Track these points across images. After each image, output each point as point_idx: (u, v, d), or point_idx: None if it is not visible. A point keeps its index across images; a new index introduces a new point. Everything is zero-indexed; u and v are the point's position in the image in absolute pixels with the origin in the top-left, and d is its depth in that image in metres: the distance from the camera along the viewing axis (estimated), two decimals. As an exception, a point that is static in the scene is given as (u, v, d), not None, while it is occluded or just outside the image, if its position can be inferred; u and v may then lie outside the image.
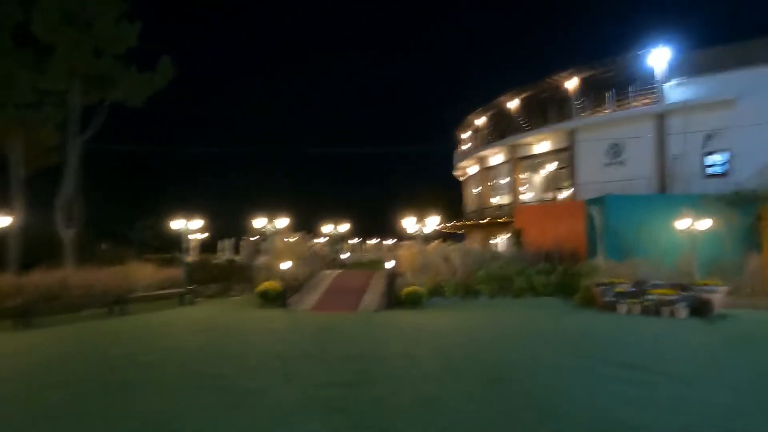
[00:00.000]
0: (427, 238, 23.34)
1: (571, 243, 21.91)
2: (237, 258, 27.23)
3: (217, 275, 23.33)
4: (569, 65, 28.24)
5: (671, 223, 19.19)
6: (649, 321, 12.39)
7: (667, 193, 23.38)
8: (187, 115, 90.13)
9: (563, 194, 29.92)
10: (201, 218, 18.86)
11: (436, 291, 16.57)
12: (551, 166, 30.94)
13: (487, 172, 36.77)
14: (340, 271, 19.87)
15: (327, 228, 24.03)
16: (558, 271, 19.50)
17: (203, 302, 16.88)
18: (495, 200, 36.31)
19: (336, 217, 25.60)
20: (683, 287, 14.31)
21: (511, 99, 32.33)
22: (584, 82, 28.11)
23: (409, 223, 16.75)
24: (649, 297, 13.54)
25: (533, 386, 6.51)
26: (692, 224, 17.29)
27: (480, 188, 37.31)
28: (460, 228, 41.26)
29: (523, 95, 31.67)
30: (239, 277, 22.80)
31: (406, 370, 7.44)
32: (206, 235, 21.84)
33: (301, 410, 5.57)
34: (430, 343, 9.48)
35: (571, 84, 28.39)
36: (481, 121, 36.93)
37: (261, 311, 14.48)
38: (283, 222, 17.08)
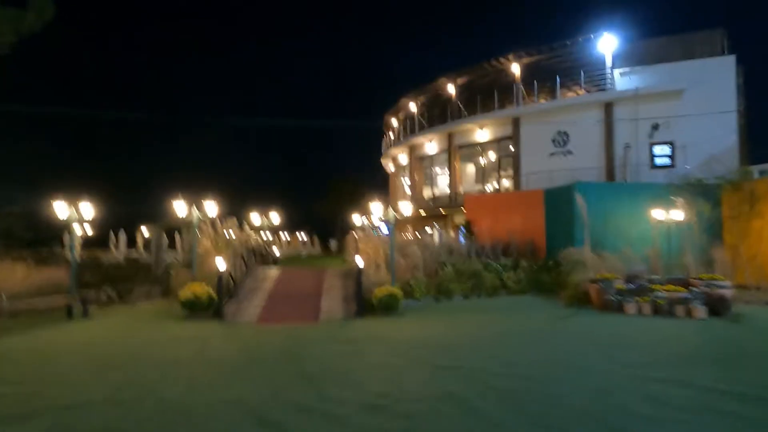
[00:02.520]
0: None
1: (528, 235, 20.32)
2: (139, 254, 22.39)
3: (114, 276, 18.69)
4: (513, 49, 26.85)
5: (639, 213, 18.24)
6: (672, 323, 10.63)
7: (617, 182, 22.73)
8: (82, 71, 77.96)
9: (504, 184, 28.63)
10: (90, 202, 14.24)
11: (405, 292, 13.79)
12: (492, 155, 29.54)
13: (420, 161, 34.71)
14: (281, 269, 16.36)
15: (255, 218, 20.23)
16: (522, 265, 17.68)
17: (100, 314, 12.62)
18: (429, 191, 34.40)
19: (262, 205, 21.82)
20: (686, 282, 12.90)
21: (450, 82, 30.41)
22: (529, 67, 26.88)
23: (356, 217, 13.97)
24: (659, 294, 11.86)
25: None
26: (667, 214, 16.23)
27: (413, 178, 35.14)
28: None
29: (464, 79, 29.88)
30: (144, 279, 18.38)
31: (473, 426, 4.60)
32: (91, 220, 17.16)
33: None
34: (455, 372, 6.70)
35: (516, 69, 27.01)
36: (414, 105, 34.71)
37: (188, 326, 10.73)
38: (211, 208, 13.25)
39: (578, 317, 11.54)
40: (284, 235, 40.42)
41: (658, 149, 23.26)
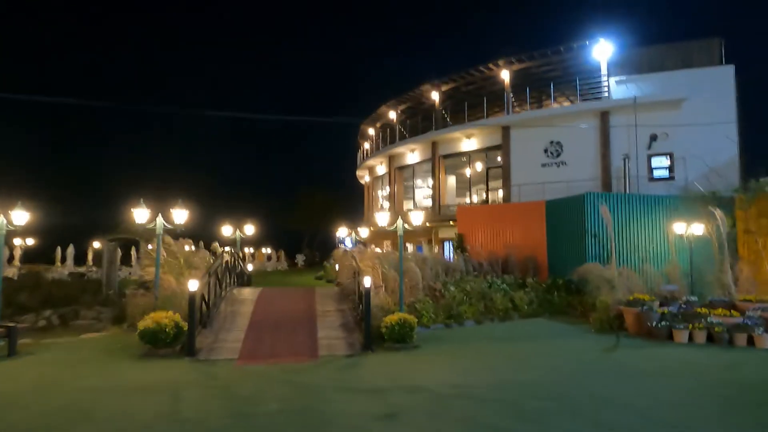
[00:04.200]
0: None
1: (528, 250, 18.68)
2: (88, 270, 19.53)
3: (57, 297, 15.86)
4: (503, 55, 25.49)
5: (655, 226, 16.89)
6: (743, 355, 8.97)
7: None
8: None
9: (492, 196, 27.09)
10: (28, 209, 11.48)
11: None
12: (479, 166, 28.00)
13: (400, 171, 32.86)
14: (260, 289, 13.98)
15: (226, 230, 17.74)
16: (530, 284, 15.96)
17: (33, 349, 9.95)
18: (410, 203, 32.56)
19: (227, 216, 19.26)
20: (731, 305, 11.38)
21: (435, 89, 28.81)
22: (520, 74, 25.57)
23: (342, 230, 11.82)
24: (713, 320, 10.23)
25: None
26: (688, 228, 14.86)
27: (392, 190, 33.20)
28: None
29: (449, 85, 28.33)
30: (92, 300, 15.63)
31: None
32: (26, 229, 14.33)
33: None
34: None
35: (506, 75, 25.66)
36: (395, 113, 32.94)
37: (150, 367, 8.29)
38: (180, 216, 10.82)
39: (628, 348, 9.73)
40: (248, 250, 37.64)
41: (656, 161, 22.19)
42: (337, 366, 8.31)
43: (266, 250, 46.53)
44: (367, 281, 9.42)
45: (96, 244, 25.35)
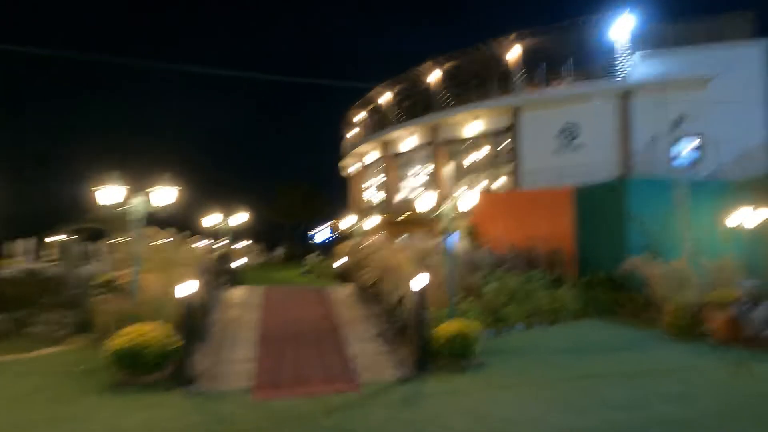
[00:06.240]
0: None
1: (553, 242, 16.70)
2: (51, 265, 16.74)
3: (9, 298, 13.13)
4: (511, 29, 23.41)
5: (703, 215, 15.09)
6: None
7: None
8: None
9: (498, 183, 25.08)
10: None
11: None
12: (486, 151, 25.93)
13: (394, 159, 30.58)
14: (263, 289, 11.57)
15: (212, 219, 15.15)
16: (568, 281, 14.01)
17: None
18: (406, 192, 30.33)
19: (213, 205, 16.61)
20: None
21: (436, 67, 26.54)
22: (532, 50, 23.53)
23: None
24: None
25: None
26: (750, 216, 13.08)
27: (384, 179, 30.89)
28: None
29: (452, 63, 26.10)
30: (52, 302, 12.92)
31: None
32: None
33: None
34: None
35: (516, 51, 23.59)
36: (389, 96, 30.57)
37: (129, 407, 5.90)
38: (165, 195, 8.29)
39: (750, 360, 7.75)
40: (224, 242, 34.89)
41: (682, 144, 20.49)
42: (392, 399, 6.07)
43: (244, 243, 43.79)
44: (421, 280, 7.18)
45: (59, 236, 22.40)
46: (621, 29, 21.39)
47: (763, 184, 15.00)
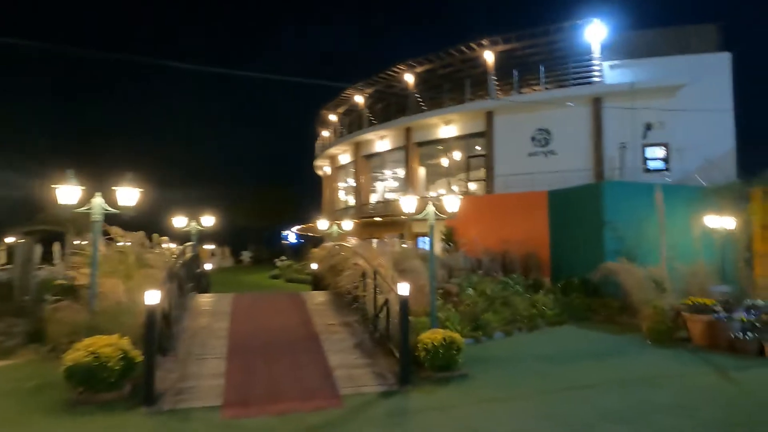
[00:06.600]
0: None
1: (528, 246, 16.67)
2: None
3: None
4: (486, 34, 23.42)
5: (676, 219, 15.28)
6: None
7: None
8: None
9: (472, 187, 25.01)
10: None
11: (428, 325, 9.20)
12: (458, 155, 25.84)
13: (368, 160, 30.23)
14: (232, 296, 10.97)
15: (179, 221, 14.41)
16: (545, 286, 13.93)
17: None
18: (379, 195, 30.01)
19: (179, 207, 15.83)
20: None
21: (409, 71, 26.34)
22: (505, 56, 23.61)
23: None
24: (810, 331, 8.43)
25: None
26: (720, 221, 13.29)
27: (359, 181, 30.47)
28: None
29: (425, 67, 25.94)
30: (2, 310, 11.98)
31: None
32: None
33: None
34: None
35: (489, 57, 23.62)
36: (362, 98, 30.22)
37: (82, 429, 5.31)
38: (128, 197, 7.65)
39: (735, 371, 7.66)
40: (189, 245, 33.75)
41: (651, 151, 20.88)
42: (376, 415, 5.67)
43: (210, 247, 42.65)
44: (403, 288, 6.79)
45: (9, 238, 21.09)
46: (593, 37, 21.68)
47: (731, 191, 15.28)
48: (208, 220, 14.99)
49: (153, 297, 5.97)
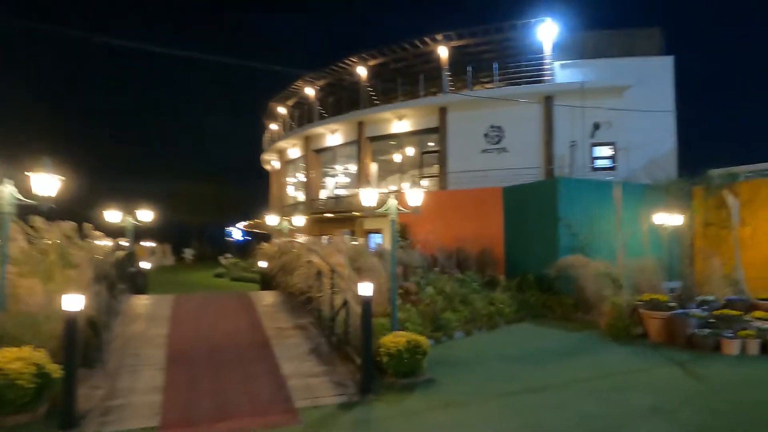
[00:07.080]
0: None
1: (483, 242, 16.56)
2: None
3: None
4: (440, 29, 23.20)
5: (627, 216, 15.53)
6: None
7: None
8: None
9: (424, 183, 24.76)
10: None
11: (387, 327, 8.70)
12: (411, 151, 25.50)
13: (318, 155, 29.37)
14: (172, 297, 9.99)
15: (112, 216, 13.14)
16: (502, 284, 13.76)
17: None
18: (330, 190, 29.23)
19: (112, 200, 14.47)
20: (751, 305, 9.95)
21: (361, 64, 25.74)
22: (459, 53, 23.49)
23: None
24: (761, 326, 8.57)
25: None
26: (669, 218, 13.57)
27: (308, 176, 29.56)
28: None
29: (378, 60, 25.42)
30: None
31: None
32: None
33: None
34: None
35: (443, 52, 23.41)
36: (313, 90, 29.31)
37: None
38: (46, 185, 6.65)
39: (695, 366, 7.61)
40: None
41: (599, 150, 21.33)
42: (339, 430, 5.06)
43: (148, 245, 40.39)
44: (365, 288, 6.22)
45: None
46: (545, 36, 21.90)
47: (676, 188, 15.72)
48: (146, 215, 13.81)
49: (73, 302, 5.09)
